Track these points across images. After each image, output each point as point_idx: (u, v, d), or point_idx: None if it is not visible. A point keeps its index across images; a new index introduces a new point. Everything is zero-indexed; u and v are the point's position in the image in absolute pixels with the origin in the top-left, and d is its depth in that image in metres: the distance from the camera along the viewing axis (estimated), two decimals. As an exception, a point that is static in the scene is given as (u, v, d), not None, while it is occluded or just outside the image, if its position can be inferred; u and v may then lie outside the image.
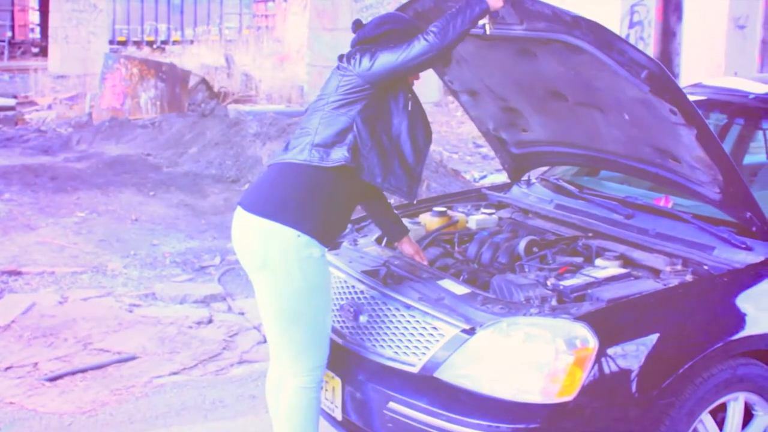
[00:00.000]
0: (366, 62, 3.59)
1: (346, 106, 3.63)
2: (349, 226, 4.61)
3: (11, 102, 20.60)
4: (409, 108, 3.71)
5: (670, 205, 4.29)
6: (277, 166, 3.70)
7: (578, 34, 3.58)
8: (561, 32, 3.64)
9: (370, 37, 3.74)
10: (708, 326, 3.45)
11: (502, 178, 11.41)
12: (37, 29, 38.54)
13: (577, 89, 4.00)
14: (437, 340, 3.48)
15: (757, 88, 5.01)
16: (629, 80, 3.56)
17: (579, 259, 4.02)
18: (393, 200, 4.49)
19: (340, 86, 3.64)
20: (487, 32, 3.63)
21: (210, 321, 6.27)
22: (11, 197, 9.80)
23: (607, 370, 3.24)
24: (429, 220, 4.58)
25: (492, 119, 4.73)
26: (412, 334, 3.58)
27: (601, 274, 3.71)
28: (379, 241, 4.37)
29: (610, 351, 3.25)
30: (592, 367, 3.22)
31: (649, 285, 3.58)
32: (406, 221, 4.51)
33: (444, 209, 4.65)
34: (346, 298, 3.92)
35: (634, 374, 3.26)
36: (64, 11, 29.13)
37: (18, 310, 6.31)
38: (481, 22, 3.59)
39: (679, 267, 3.75)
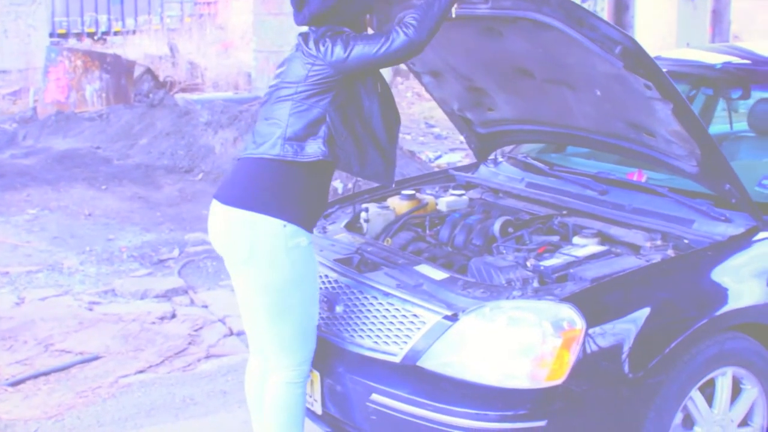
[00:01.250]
0: (339, 52, 3.40)
1: (317, 96, 3.47)
2: (317, 213, 4.50)
3: (-48, 99, 20.16)
4: (379, 89, 3.59)
5: (644, 179, 4.22)
6: (249, 160, 3.55)
7: (547, 11, 3.47)
8: (529, 9, 3.52)
9: (324, 10, 3.51)
10: (694, 301, 3.39)
11: (457, 157, 11.41)
12: (-25, 24, 37.79)
13: (546, 66, 3.90)
14: (419, 328, 3.38)
15: (715, 58, 4.96)
16: (602, 56, 3.46)
17: (556, 238, 3.94)
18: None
19: (310, 76, 3.46)
20: (453, 15, 3.51)
21: (173, 316, 6.12)
22: (-42, 197, 9.53)
23: (595, 352, 3.16)
24: (398, 204, 4.46)
25: (456, 99, 4.62)
26: (391, 322, 3.47)
27: (581, 252, 3.62)
28: (348, 227, 4.25)
29: (597, 331, 3.17)
30: (581, 349, 3.14)
31: (631, 262, 3.51)
32: (374, 205, 4.41)
33: (412, 192, 4.53)
34: (320, 288, 3.79)
35: (622, 354, 3.19)
36: (2, 5, 28.47)
37: (-27, 313, 6.11)
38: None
39: (659, 242, 3.68)
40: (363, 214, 4.34)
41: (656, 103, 3.47)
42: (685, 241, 3.66)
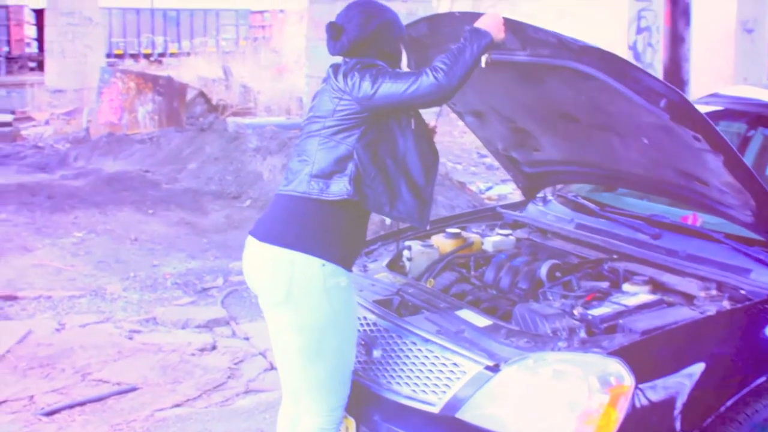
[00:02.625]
0: (367, 87, 3.28)
1: (344, 132, 3.36)
2: (358, 250, 4.38)
3: (8, 118, 20.41)
4: (413, 126, 3.46)
5: (699, 224, 4.05)
6: (284, 197, 3.45)
7: (587, 61, 3.35)
8: (569, 59, 3.41)
9: (362, 39, 3.42)
10: (751, 358, 3.20)
11: (508, 189, 11.24)
12: (34, 44, 38.39)
13: (590, 113, 3.76)
14: (458, 378, 3.23)
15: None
16: (647, 108, 3.32)
17: (605, 284, 3.78)
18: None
19: (337, 111, 3.35)
20: (483, 65, 3.39)
21: (213, 347, 6.02)
22: (7, 217, 9.58)
23: (644, 410, 2.99)
24: (442, 243, 4.33)
25: (500, 140, 4.50)
26: (430, 370, 3.33)
27: (632, 301, 3.46)
28: (390, 266, 4.13)
29: (648, 387, 3.00)
30: (629, 406, 2.97)
31: (684, 313, 3.33)
32: (417, 243, 4.28)
33: (458, 230, 4.40)
34: (358, 330, 3.66)
35: (674, 412, 3.01)
36: (60, 25, 28.96)
37: (13, 338, 6.06)
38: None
39: (714, 292, 3.51)
40: (406, 253, 4.22)
41: (706, 154, 3.31)
42: (742, 291, 3.47)
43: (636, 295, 3.54)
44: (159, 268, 7.87)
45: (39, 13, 34.76)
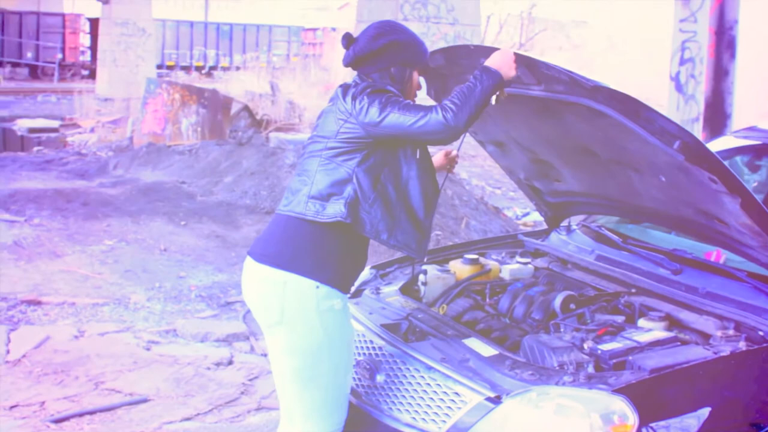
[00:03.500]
0: (374, 114, 3.21)
1: (346, 155, 3.29)
2: (374, 271, 4.31)
3: (55, 124, 20.69)
4: (418, 155, 3.37)
5: (722, 261, 3.93)
6: (282, 217, 3.39)
7: (601, 99, 3.28)
8: (582, 96, 3.34)
9: (368, 52, 3.38)
10: (764, 404, 3.08)
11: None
12: (88, 52, 38.90)
13: (607, 148, 3.68)
14: (459, 407, 3.14)
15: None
16: (661, 148, 3.23)
17: (621, 319, 3.67)
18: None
19: (341, 132, 3.28)
20: (494, 102, 3.31)
21: (230, 362, 5.96)
22: (41, 222, 9.62)
23: (647, 451, 2.88)
24: (459, 268, 4.24)
25: (522, 169, 4.42)
26: (432, 398, 3.25)
27: (645, 337, 3.34)
28: (404, 290, 4.05)
29: (651, 429, 2.89)
30: (631, 447, 2.87)
31: (697, 353, 3.21)
32: (433, 268, 4.20)
33: (476, 256, 4.31)
34: (364, 354, 3.60)
35: (678, 456, 2.91)
36: (113, 35, 29.33)
37: (31, 343, 6.06)
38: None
39: (731, 332, 3.39)
40: (421, 277, 4.13)
41: (723, 196, 3.21)
42: (760, 333, 3.35)
43: (650, 331, 3.43)
44: (185, 280, 7.84)
45: (94, 22, 35.18)
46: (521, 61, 3.36)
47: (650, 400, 2.96)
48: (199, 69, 39.97)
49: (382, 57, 3.39)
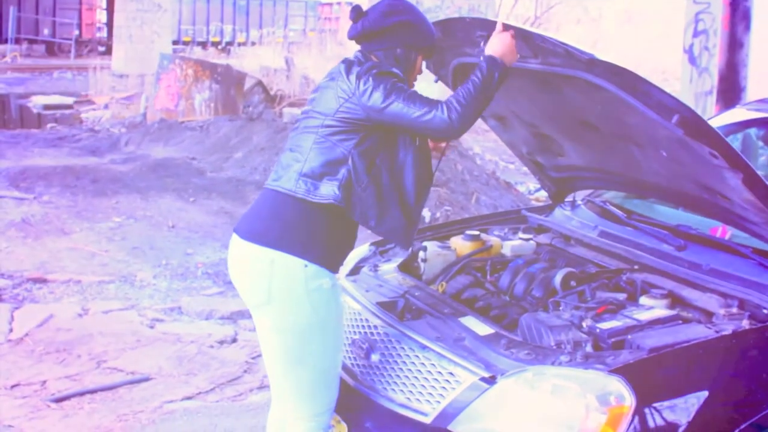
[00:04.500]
0: (378, 98, 3.11)
1: (343, 134, 3.19)
2: (373, 248, 4.23)
3: (69, 101, 20.65)
4: (417, 142, 3.27)
5: (727, 236, 3.83)
6: (271, 192, 3.30)
7: (597, 72, 3.18)
8: (578, 69, 3.24)
9: (377, 29, 3.28)
10: (765, 383, 2.99)
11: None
12: (105, 28, 38.84)
13: (608, 122, 3.57)
14: (453, 388, 3.07)
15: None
16: (660, 122, 3.12)
17: (622, 296, 3.58)
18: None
19: (340, 111, 3.18)
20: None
21: (234, 340, 5.91)
22: (50, 199, 9.60)
23: (644, 432, 2.80)
24: (460, 245, 4.16)
25: (524, 144, 4.32)
26: (426, 378, 3.17)
27: (645, 315, 3.25)
28: (403, 267, 3.97)
29: (649, 410, 2.81)
30: (628, 428, 2.78)
31: (698, 331, 3.12)
32: (434, 244, 4.11)
33: (477, 233, 4.22)
34: (360, 333, 3.52)
35: (677, 437, 2.82)
36: (129, 11, 29.24)
37: (34, 322, 6.03)
38: None
39: (734, 310, 3.29)
40: (421, 254, 4.05)
41: (725, 171, 3.10)
42: (765, 311, 3.25)
43: (651, 309, 3.34)
44: (192, 257, 7.79)
45: (110, -1, 35.14)
46: (518, 33, 3.27)
47: (649, 380, 2.88)
48: (215, 44, 39.87)
49: (391, 36, 3.30)
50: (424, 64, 3.53)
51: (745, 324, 3.18)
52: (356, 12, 3.34)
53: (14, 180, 10.40)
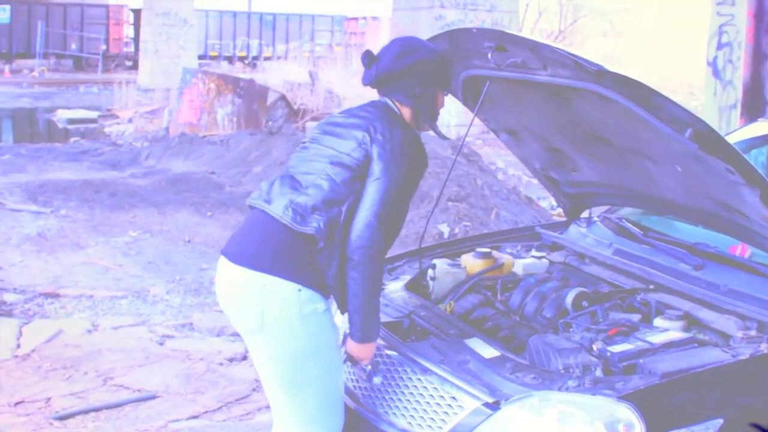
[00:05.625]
0: (381, 161, 3.07)
1: (353, 172, 3.09)
2: (380, 265, 4.10)
3: (93, 115, 20.72)
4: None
5: (747, 255, 3.68)
6: (260, 214, 3.18)
7: (608, 84, 3.04)
8: (588, 81, 3.11)
9: (393, 72, 3.20)
10: (784, 412, 2.84)
11: (581, 207, 10.81)
12: (132, 43, 39.04)
13: (620, 136, 3.43)
14: (456, 413, 2.94)
15: None
16: (673, 137, 2.99)
17: (636, 317, 3.44)
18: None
19: (353, 153, 3.11)
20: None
21: (244, 357, 5.78)
22: (67, 213, 9.55)
23: (655, 463, 2.66)
24: (471, 262, 4.02)
25: (537, 159, 4.19)
26: (428, 403, 3.05)
27: (659, 338, 3.11)
28: (410, 286, 3.84)
29: (665, 439, 2.67)
30: (637, 458, 2.65)
31: (714, 355, 2.98)
32: (443, 262, 3.99)
33: (488, 250, 4.08)
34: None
35: (688, 469, 2.68)
36: (155, 25, 29.41)
37: (42, 337, 5.93)
38: None
39: (753, 333, 3.15)
40: (430, 272, 3.92)
41: (742, 188, 2.96)
42: (785, 334, 3.11)
43: (665, 331, 3.20)
44: (207, 272, 7.69)
45: (138, 13, 35.28)
46: (525, 44, 3.16)
47: (661, 407, 2.74)
48: (242, 59, 39.99)
49: (408, 77, 3.21)
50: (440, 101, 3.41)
51: (764, 348, 3.03)
52: (368, 57, 3.26)
53: (33, 194, 10.36)
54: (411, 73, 3.22)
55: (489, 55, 3.39)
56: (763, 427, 2.79)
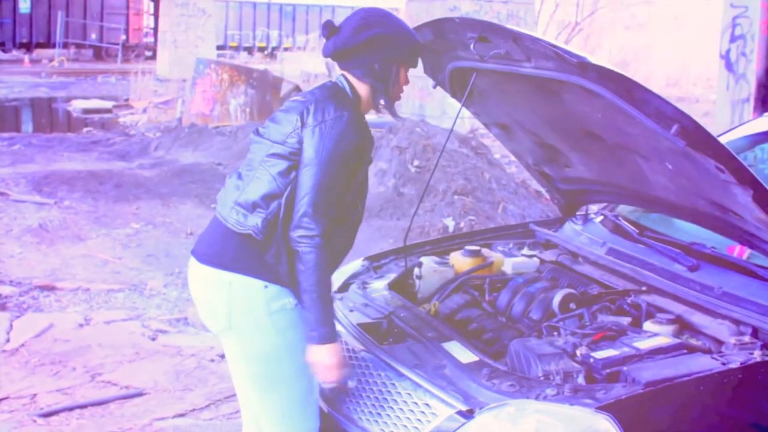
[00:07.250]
0: (311, 146, 2.90)
1: (288, 161, 2.94)
2: (366, 263, 3.96)
3: (108, 105, 20.64)
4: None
5: (745, 256, 3.52)
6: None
7: (592, 77, 2.89)
8: (572, 74, 2.96)
9: (350, 46, 3.00)
10: (773, 425, 2.69)
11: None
12: (152, 33, 39.00)
13: (610, 132, 3.28)
14: (429, 420, 2.80)
15: None
16: (660, 133, 2.83)
17: (626, 320, 3.28)
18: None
19: (288, 141, 2.95)
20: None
21: (236, 354, 5.65)
22: (70, 204, 9.46)
23: (634, 478, 2.51)
24: (459, 261, 3.88)
25: (529, 154, 4.03)
26: (401, 409, 2.91)
27: (646, 344, 2.96)
28: (394, 285, 3.70)
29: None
30: (615, 473, 2.50)
31: (702, 363, 2.81)
32: (433, 259, 3.84)
33: (478, 248, 3.93)
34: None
35: (670, 484, 2.53)
36: (173, 15, 29.32)
37: (32, 332, 5.82)
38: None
39: (747, 338, 2.99)
40: (416, 270, 3.78)
41: (734, 187, 2.80)
42: (780, 340, 2.95)
43: (654, 336, 3.05)
44: (206, 266, 7.56)
45: (158, 4, 35.21)
46: (508, 34, 3.00)
47: (643, 419, 2.59)
48: (261, 50, 39.89)
49: (365, 52, 3.01)
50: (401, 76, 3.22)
51: (757, 355, 2.87)
52: (327, 28, 3.05)
53: (38, 185, 10.28)
54: (369, 48, 3.00)
55: (471, 46, 3.24)
56: None
